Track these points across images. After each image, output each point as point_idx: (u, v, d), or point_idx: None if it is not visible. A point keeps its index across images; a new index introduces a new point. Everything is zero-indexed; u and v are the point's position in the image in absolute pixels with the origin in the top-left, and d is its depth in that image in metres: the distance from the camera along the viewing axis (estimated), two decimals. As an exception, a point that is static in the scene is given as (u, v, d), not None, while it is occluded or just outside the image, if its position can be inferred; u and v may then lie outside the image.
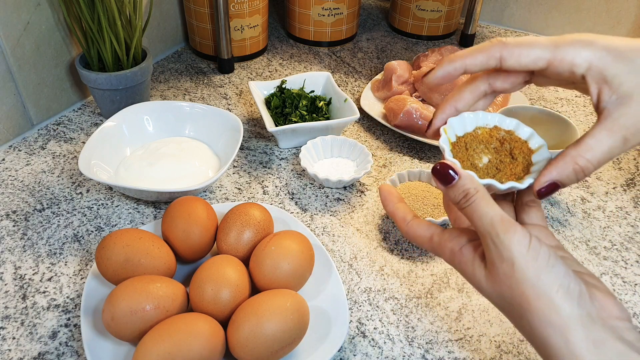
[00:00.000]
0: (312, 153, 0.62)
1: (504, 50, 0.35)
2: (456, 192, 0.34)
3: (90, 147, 0.55)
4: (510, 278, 0.32)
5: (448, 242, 0.35)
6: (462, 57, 0.36)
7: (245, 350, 0.38)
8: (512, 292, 0.32)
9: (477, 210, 0.33)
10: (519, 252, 0.31)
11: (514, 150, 0.38)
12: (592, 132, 0.34)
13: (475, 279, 0.34)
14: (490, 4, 1.02)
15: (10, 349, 0.42)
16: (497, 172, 0.37)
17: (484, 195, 0.33)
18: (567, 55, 0.34)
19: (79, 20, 0.62)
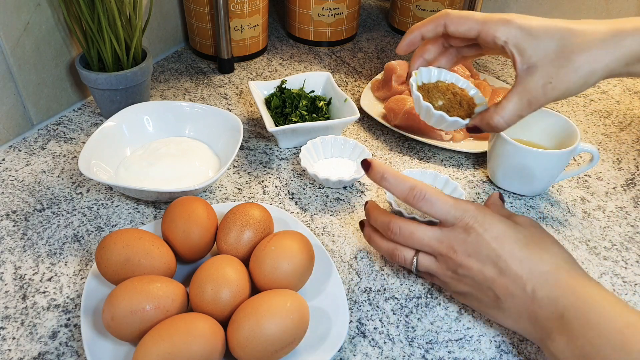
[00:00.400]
0: (312, 153, 0.62)
1: (447, 19, 0.47)
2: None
3: (90, 147, 0.55)
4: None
5: None
6: (418, 27, 0.49)
7: (245, 350, 0.38)
8: None
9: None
10: None
11: (462, 100, 0.52)
12: (508, 95, 0.45)
13: None
14: (490, 4, 1.02)
15: (10, 349, 0.42)
16: (447, 112, 0.50)
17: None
18: (491, 29, 0.45)
19: (79, 20, 0.62)
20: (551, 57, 0.43)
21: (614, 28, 0.42)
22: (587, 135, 0.72)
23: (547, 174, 0.58)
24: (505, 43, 0.45)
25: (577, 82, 0.43)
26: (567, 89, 0.43)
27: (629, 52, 0.42)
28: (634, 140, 0.71)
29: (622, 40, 0.42)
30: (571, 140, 0.57)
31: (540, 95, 0.44)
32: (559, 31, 0.43)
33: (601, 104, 0.79)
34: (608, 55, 0.42)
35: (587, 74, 0.42)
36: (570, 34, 0.43)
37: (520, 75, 0.45)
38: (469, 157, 0.66)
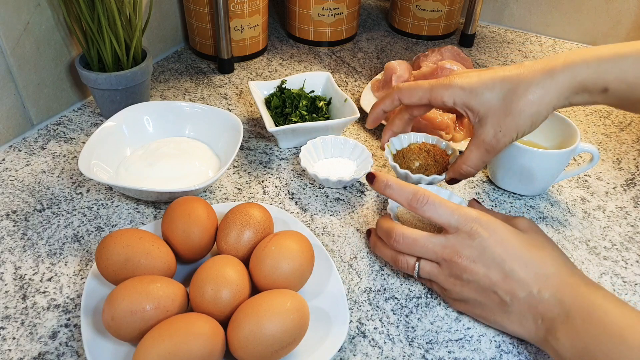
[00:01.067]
0: (312, 153, 0.62)
1: (399, 93, 0.53)
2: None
3: (90, 147, 0.55)
4: None
5: None
6: (378, 104, 0.56)
7: (245, 350, 0.38)
8: None
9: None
10: None
11: (436, 155, 0.58)
12: (468, 146, 0.51)
13: None
14: (490, 4, 1.02)
15: (10, 349, 0.42)
16: (424, 171, 0.57)
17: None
18: (438, 95, 0.50)
19: (79, 20, 0.62)
20: (496, 108, 0.47)
21: (546, 68, 0.46)
22: (587, 135, 0.72)
23: (547, 174, 0.58)
24: (454, 104, 0.49)
25: (524, 125, 0.47)
26: (518, 133, 0.47)
27: (564, 87, 0.45)
28: (634, 140, 0.71)
29: (555, 78, 0.45)
30: (571, 140, 0.57)
31: (494, 144, 0.48)
32: (498, 82, 0.47)
33: (601, 104, 0.79)
34: (547, 96, 0.45)
35: (532, 116, 0.46)
36: (508, 81, 0.47)
37: (475, 128, 0.50)
38: (469, 157, 0.66)
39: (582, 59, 0.45)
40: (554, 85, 0.45)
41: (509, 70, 0.47)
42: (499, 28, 1.02)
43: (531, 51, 0.94)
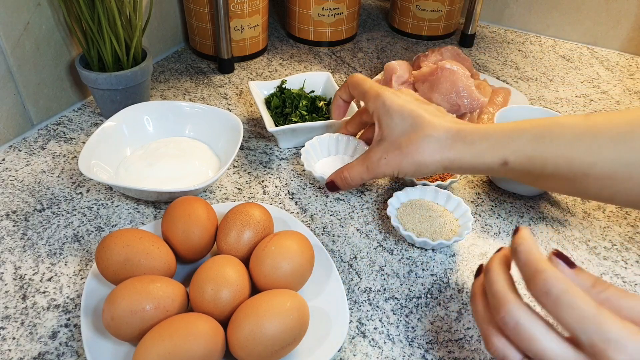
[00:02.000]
0: (311, 154, 0.62)
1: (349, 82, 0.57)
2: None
3: (90, 147, 0.55)
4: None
5: None
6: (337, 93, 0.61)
7: (245, 350, 0.38)
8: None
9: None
10: None
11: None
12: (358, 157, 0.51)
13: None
14: (490, 4, 1.02)
15: (10, 349, 0.42)
16: None
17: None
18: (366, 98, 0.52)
19: (79, 20, 0.62)
20: (394, 137, 0.47)
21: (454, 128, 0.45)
22: (587, 135, 0.72)
23: (547, 174, 0.58)
24: (372, 113, 0.50)
25: (407, 166, 0.47)
26: (399, 170, 0.47)
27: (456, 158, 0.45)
28: (634, 140, 0.71)
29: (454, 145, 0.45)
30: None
31: (374, 167, 0.48)
32: (411, 117, 0.47)
33: (601, 104, 0.79)
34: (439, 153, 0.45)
35: (418, 164, 0.46)
36: (419, 122, 0.46)
37: (372, 144, 0.50)
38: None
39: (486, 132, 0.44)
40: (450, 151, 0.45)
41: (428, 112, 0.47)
42: (499, 28, 1.02)
43: (531, 51, 0.94)
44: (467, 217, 0.53)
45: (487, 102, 0.70)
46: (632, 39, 0.93)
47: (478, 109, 0.69)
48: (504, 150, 0.43)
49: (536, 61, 0.91)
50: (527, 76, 0.86)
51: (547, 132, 0.42)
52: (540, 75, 0.86)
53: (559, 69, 0.88)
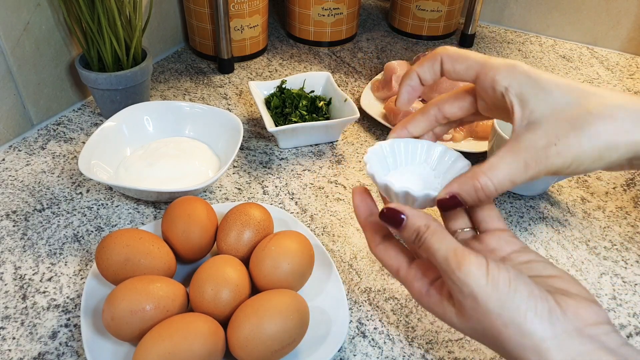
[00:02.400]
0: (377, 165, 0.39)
1: (444, 54, 0.37)
2: (408, 232, 0.33)
3: (90, 147, 0.55)
4: (476, 312, 0.31)
5: (415, 282, 0.35)
6: (413, 67, 0.38)
7: (245, 350, 0.38)
8: (482, 325, 0.31)
9: (430, 248, 0.32)
10: (478, 285, 0.30)
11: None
12: (499, 152, 0.34)
13: (447, 317, 0.33)
14: (490, 4, 1.02)
15: (10, 349, 0.42)
16: None
17: (435, 230, 0.32)
18: (491, 71, 0.35)
19: (79, 20, 0.62)
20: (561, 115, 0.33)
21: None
22: (587, 135, 0.72)
23: (547, 174, 0.58)
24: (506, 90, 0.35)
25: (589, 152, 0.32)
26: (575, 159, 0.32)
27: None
28: (634, 140, 0.71)
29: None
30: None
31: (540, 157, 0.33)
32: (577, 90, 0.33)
33: (601, 104, 0.79)
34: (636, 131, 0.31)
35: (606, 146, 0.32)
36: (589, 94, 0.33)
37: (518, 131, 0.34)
38: (468, 157, 0.66)
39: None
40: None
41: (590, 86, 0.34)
42: (499, 28, 1.02)
43: (531, 51, 0.94)
44: None
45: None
46: (632, 39, 0.93)
47: (478, 109, 0.68)
48: None
49: (536, 61, 0.91)
50: (527, 76, 0.86)
51: None
52: (540, 75, 0.86)
53: (559, 69, 0.88)
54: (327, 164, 0.64)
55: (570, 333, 0.29)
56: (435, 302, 0.34)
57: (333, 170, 0.63)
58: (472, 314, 0.31)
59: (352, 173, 0.63)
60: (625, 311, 0.48)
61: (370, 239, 0.36)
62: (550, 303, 0.30)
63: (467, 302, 0.31)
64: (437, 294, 0.33)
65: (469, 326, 0.32)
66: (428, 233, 0.32)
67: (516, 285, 0.30)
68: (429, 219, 0.33)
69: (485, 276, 0.30)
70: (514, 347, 0.30)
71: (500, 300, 0.30)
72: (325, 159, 0.65)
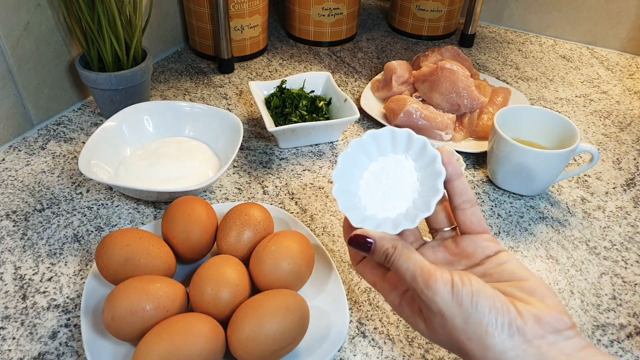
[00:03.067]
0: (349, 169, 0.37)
1: None
2: (377, 255, 0.34)
3: (90, 147, 0.55)
4: (444, 328, 0.32)
5: (389, 294, 0.36)
6: None
7: (245, 350, 0.38)
8: (449, 339, 0.32)
9: (400, 268, 0.33)
10: (444, 302, 0.31)
11: None
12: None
13: (419, 329, 0.35)
14: (490, 4, 1.02)
15: (10, 349, 0.42)
16: None
17: (402, 250, 0.33)
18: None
19: (79, 20, 0.62)
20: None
21: None
22: (587, 135, 0.72)
23: (547, 174, 0.58)
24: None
25: None
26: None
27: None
28: (634, 140, 0.71)
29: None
30: (571, 140, 0.57)
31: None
32: None
33: (601, 104, 0.79)
34: None
35: None
36: None
37: None
38: (468, 157, 0.66)
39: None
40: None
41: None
42: (499, 28, 1.02)
43: (531, 51, 0.94)
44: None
45: (487, 102, 0.70)
46: (632, 39, 0.93)
47: (478, 109, 0.69)
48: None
49: (536, 61, 0.91)
50: (527, 76, 0.86)
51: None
52: (540, 75, 0.86)
53: (559, 69, 0.88)
54: (327, 164, 0.64)
55: (530, 342, 0.30)
56: (408, 314, 0.35)
57: (333, 170, 0.63)
58: (440, 330, 0.32)
59: (352, 173, 0.63)
60: (625, 311, 0.48)
61: (352, 258, 0.39)
62: (511, 315, 0.30)
63: (435, 319, 0.32)
64: (408, 308, 0.35)
65: (439, 339, 0.33)
66: (395, 254, 0.33)
67: (477, 300, 0.31)
68: (396, 239, 0.34)
69: (450, 293, 0.31)
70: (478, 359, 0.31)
71: (464, 317, 0.31)
72: (325, 159, 0.65)
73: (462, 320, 0.31)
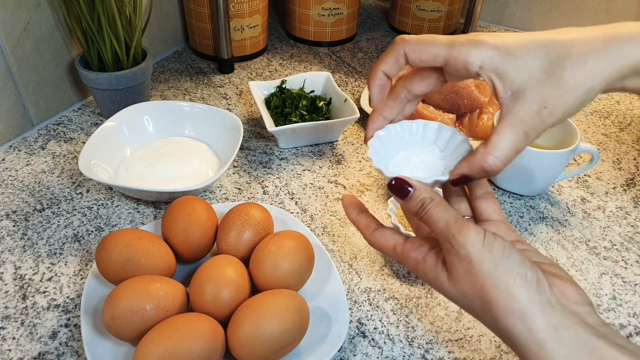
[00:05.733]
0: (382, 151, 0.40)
1: (406, 47, 0.37)
2: (413, 203, 0.35)
3: (90, 147, 0.55)
4: (469, 274, 0.33)
5: (411, 252, 0.36)
6: (377, 66, 0.38)
7: (245, 350, 0.38)
8: (473, 287, 0.33)
9: (434, 216, 0.34)
10: (474, 247, 0.32)
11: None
12: (497, 129, 0.36)
13: (439, 282, 0.35)
14: (490, 4, 1.02)
15: (10, 349, 0.42)
16: None
17: (439, 201, 0.35)
18: (461, 53, 0.35)
19: (79, 20, 0.62)
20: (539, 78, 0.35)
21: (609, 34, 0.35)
22: (587, 135, 0.72)
23: (547, 174, 0.58)
24: (480, 68, 0.36)
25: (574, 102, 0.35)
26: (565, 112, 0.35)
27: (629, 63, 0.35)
28: (634, 140, 0.71)
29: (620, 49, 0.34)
30: (571, 140, 0.57)
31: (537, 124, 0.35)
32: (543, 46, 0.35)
33: (601, 104, 0.79)
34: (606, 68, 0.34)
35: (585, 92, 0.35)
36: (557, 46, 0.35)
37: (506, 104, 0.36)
38: (469, 157, 0.66)
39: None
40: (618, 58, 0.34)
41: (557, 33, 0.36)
42: (499, 28, 1.02)
43: (531, 51, 0.94)
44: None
45: (487, 102, 0.70)
46: (632, 39, 0.93)
47: (478, 109, 0.69)
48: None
49: (536, 61, 0.91)
50: (527, 76, 0.86)
51: None
52: (540, 75, 0.86)
53: (559, 69, 0.88)
54: (327, 164, 0.64)
55: (554, 305, 0.31)
56: (430, 266, 0.35)
57: (333, 170, 0.63)
58: (464, 277, 0.33)
59: (352, 173, 0.63)
60: (625, 311, 0.48)
61: (365, 228, 0.38)
62: (539, 275, 0.32)
63: (462, 265, 0.33)
64: (433, 259, 0.35)
65: (460, 290, 0.34)
66: (432, 204, 0.35)
67: (510, 253, 0.32)
68: (434, 193, 0.35)
69: (481, 241, 0.32)
70: (500, 310, 0.31)
71: (493, 263, 0.32)
72: (325, 159, 0.65)
73: (492, 266, 0.32)
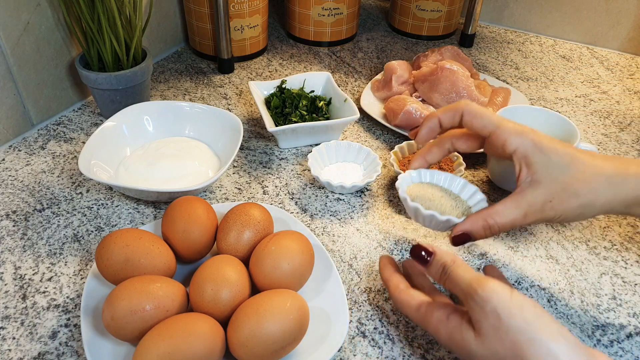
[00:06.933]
0: (319, 160, 0.61)
1: (465, 110, 0.46)
2: (434, 268, 0.39)
3: (90, 147, 0.55)
4: (498, 330, 0.32)
5: (435, 311, 0.38)
6: (435, 114, 0.47)
7: (245, 350, 0.38)
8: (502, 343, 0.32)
9: (456, 277, 0.36)
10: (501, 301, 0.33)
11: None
12: (505, 200, 0.43)
13: (465, 343, 0.35)
14: (490, 4, 1.02)
15: (10, 349, 0.42)
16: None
17: (461, 263, 0.38)
18: (504, 134, 0.44)
19: (79, 20, 0.62)
20: (556, 177, 0.42)
21: (620, 169, 0.42)
22: (587, 135, 0.72)
23: (547, 174, 0.58)
24: (514, 152, 0.44)
25: (575, 209, 0.42)
26: (564, 213, 0.43)
27: (631, 195, 0.41)
28: (634, 140, 0.71)
29: (625, 183, 0.41)
30: (571, 140, 0.57)
31: (537, 211, 0.43)
32: (567, 155, 0.43)
33: (601, 104, 0.79)
34: (609, 194, 0.41)
35: (586, 205, 0.42)
36: (578, 161, 0.42)
37: (522, 187, 0.44)
38: (469, 157, 0.66)
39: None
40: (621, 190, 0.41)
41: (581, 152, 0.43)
42: (498, 28, 1.02)
43: (531, 51, 0.94)
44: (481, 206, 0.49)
45: (487, 102, 0.70)
46: (632, 39, 0.93)
47: (478, 109, 0.68)
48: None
49: (536, 61, 0.91)
50: (527, 76, 0.86)
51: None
52: (540, 75, 0.86)
53: (559, 69, 0.88)
54: (327, 164, 0.64)
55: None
56: (455, 326, 0.36)
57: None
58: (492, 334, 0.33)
59: (352, 173, 0.63)
60: (625, 311, 0.48)
61: (395, 286, 0.42)
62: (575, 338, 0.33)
63: (489, 321, 0.33)
64: (457, 319, 0.36)
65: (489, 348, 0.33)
66: (454, 266, 0.37)
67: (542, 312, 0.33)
68: (455, 255, 0.39)
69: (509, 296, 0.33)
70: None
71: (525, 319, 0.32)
72: (325, 159, 0.65)
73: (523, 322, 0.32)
